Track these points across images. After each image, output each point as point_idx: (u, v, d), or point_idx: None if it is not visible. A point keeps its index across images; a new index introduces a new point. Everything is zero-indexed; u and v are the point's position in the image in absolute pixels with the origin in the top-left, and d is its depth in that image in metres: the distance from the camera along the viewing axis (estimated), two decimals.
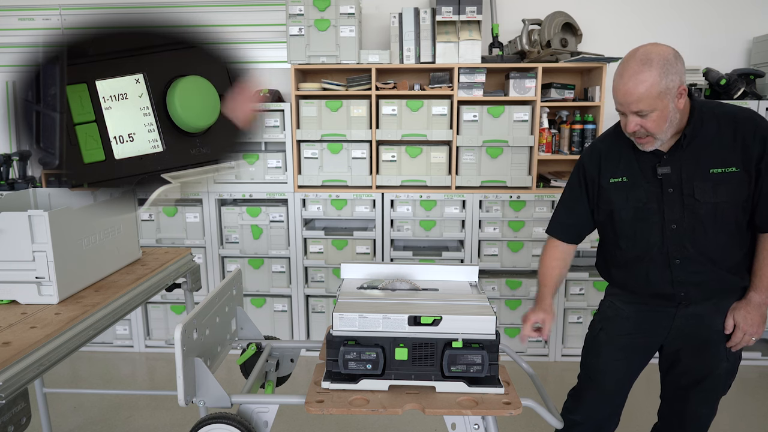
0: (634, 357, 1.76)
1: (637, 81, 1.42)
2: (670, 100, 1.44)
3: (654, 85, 1.41)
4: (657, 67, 1.41)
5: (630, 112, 1.47)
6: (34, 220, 1.49)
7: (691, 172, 1.53)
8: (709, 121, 1.53)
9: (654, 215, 1.58)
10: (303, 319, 3.43)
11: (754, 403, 2.87)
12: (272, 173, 3.28)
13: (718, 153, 1.51)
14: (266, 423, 1.40)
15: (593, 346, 1.82)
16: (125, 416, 2.73)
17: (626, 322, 1.74)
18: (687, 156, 1.53)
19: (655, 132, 1.48)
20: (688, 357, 1.69)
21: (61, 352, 1.36)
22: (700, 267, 1.57)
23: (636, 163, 1.60)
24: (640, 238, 1.62)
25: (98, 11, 3.41)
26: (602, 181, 1.66)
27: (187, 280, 2.12)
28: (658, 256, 1.60)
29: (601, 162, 1.67)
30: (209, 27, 1.28)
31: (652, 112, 1.44)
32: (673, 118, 1.47)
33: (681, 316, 1.66)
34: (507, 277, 3.31)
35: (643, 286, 1.66)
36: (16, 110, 1.11)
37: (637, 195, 1.60)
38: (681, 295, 1.62)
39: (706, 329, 1.65)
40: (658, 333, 1.71)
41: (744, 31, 3.39)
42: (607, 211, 1.67)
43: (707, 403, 1.73)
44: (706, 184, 1.51)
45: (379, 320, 1.36)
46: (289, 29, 3.09)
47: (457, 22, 3.09)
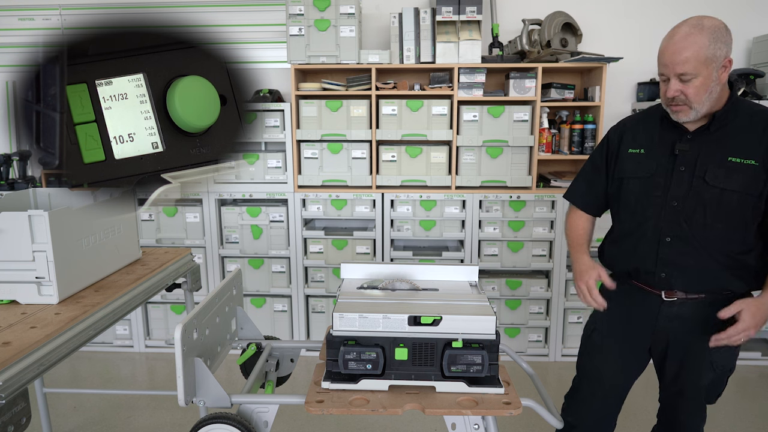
0: (627, 358, 1.75)
1: (687, 42, 1.43)
2: (714, 69, 1.44)
3: (702, 49, 1.42)
4: (708, 32, 1.42)
5: (673, 75, 1.46)
6: (34, 220, 1.49)
7: (709, 155, 1.52)
8: (743, 113, 1.54)
9: (658, 189, 1.58)
10: (303, 319, 3.43)
11: (754, 403, 2.87)
12: (272, 173, 3.28)
13: (742, 144, 1.50)
14: (266, 423, 1.40)
15: (587, 348, 1.82)
16: (125, 416, 2.73)
17: (615, 318, 1.73)
18: (710, 140, 1.53)
19: (694, 100, 1.47)
20: (674, 366, 1.68)
21: (61, 352, 1.36)
22: (690, 250, 1.55)
23: (657, 137, 1.61)
24: (638, 211, 1.62)
25: (98, 11, 3.41)
26: (621, 151, 1.68)
27: (187, 280, 2.12)
28: (650, 231, 1.60)
29: (624, 134, 1.69)
30: (209, 27, 1.28)
31: (695, 78, 1.44)
32: (713, 89, 1.47)
33: (665, 316, 1.64)
34: (507, 277, 3.31)
35: (628, 260, 1.66)
36: (16, 110, 1.11)
37: (648, 166, 1.60)
38: (662, 277, 1.60)
39: (690, 337, 1.62)
40: (644, 327, 1.69)
41: (744, 31, 3.39)
42: (618, 181, 1.68)
43: (694, 413, 1.72)
44: (721, 170, 1.50)
45: (379, 320, 1.36)
46: (289, 29, 3.09)
47: (457, 22, 3.09)
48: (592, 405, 1.82)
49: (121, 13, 3.30)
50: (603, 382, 1.78)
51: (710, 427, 2.62)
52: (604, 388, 1.79)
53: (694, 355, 1.64)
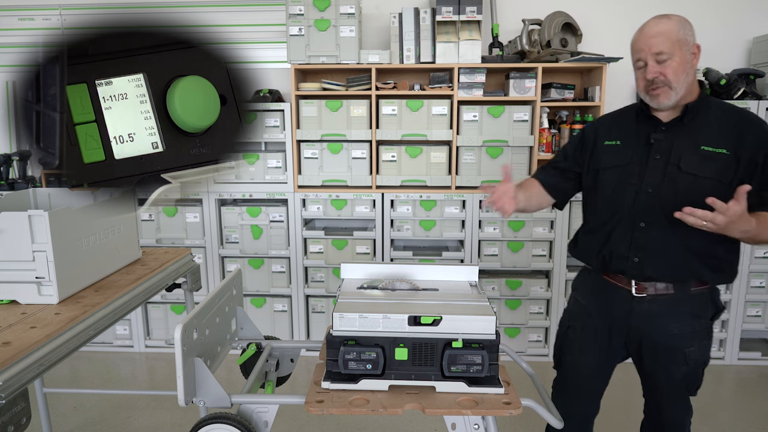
0: (603, 354, 1.78)
1: (659, 27, 1.54)
2: (687, 52, 1.53)
3: (673, 31, 1.52)
4: (675, 20, 1.54)
5: (651, 56, 1.53)
6: (34, 220, 1.49)
7: (683, 144, 1.58)
8: (714, 108, 1.61)
9: (633, 177, 1.63)
10: (303, 319, 3.43)
11: (754, 403, 2.87)
12: (272, 173, 3.28)
13: (714, 135, 1.57)
14: (266, 423, 1.40)
15: (564, 344, 1.86)
16: (125, 416, 2.73)
17: (589, 316, 1.77)
18: (684, 130, 1.59)
19: (673, 80, 1.53)
20: (649, 362, 1.71)
21: (61, 352, 1.36)
22: (662, 235, 1.59)
23: (633, 130, 1.67)
24: (615, 200, 1.66)
25: (98, 11, 3.41)
26: (597, 144, 1.73)
27: (187, 280, 2.12)
28: (625, 217, 1.64)
29: (600, 128, 1.75)
30: (209, 27, 1.28)
31: (671, 59, 1.51)
32: (689, 72, 1.54)
33: (637, 314, 1.67)
34: (507, 277, 3.31)
35: (602, 247, 1.69)
36: (16, 110, 1.11)
37: (623, 156, 1.66)
38: (635, 261, 1.63)
39: (662, 333, 1.66)
40: (618, 325, 1.72)
41: (744, 31, 3.39)
42: (594, 172, 1.72)
43: (676, 407, 1.75)
44: (694, 157, 1.56)
45: (379, 320, 1.36)
46: (289, 29, 3.09)
47: (457, 22, 3.09)
48: (576, 396, 1.86)
49: (121, 13, 3.30)
50: (583, 375, 1.83)
51: (710, 427, 2.63)
52: (585, 380, 1.83)
53: (667, 351, 1.67)
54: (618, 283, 1.70)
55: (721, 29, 3.40)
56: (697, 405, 1.82)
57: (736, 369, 3.27)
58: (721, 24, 3.39)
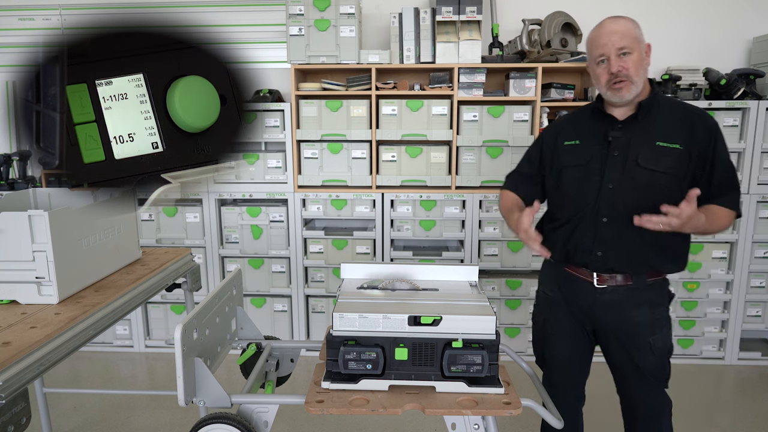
0: (579, 343, 1.84)
1: (618, 23, 1.64)
2: (643, 50, 1.63)
3: (631, 28, 1.63)
4: (629, 19, 1.65)
5: (614, 51, 1.61)
6: (34, 220, 1.49)
7: (639, 140, 1.66)
8: (664, 105, 1.70)
9: (595, 175, 1.69)
10: (303, 319, 3.43)
11: (754, 403, 2.87)
12: (272, 173, 3.28)
13: (667, 130, 1.65)
14: (266, 423, 1.40)
15: (542, 338, 1.91)
16: (125, 416, 2.73)
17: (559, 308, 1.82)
18: (639, 126, 1.67)
19: (634, 74, 1.60)
20: (617, 352, 1.77)
21: (61, 352, 1.36)
22: (623, 229, 1.65)
23: (591, 129, 1.74)
24: (579, 197, 1.72)
25: (98, 11, 3.41)
26: (558, 145, 1.79)
27: (187, 280, 2.12)
28: (589, 213, 1.70)
29: (560, 130, 1.82)
30: (209, 27, 1.28)
31: (632, 54, 1.60)
32: (645, 68, 1.64)
33: (599, 305, 1.73)
34: (507, 277, 3.31)
35: (567, 241, 1.74)
36: (16, 110, 1.11)
37: (584, 154, 1.72)
38: (598, 255, 1.69)
39: (626, 323, 1.72)
40: (584, 316, 1.78)
41: (744, 31, 3.39)
42: (557, 171, 1.78)
43: (649, 394, 1.78)
44: (651, 153, 1.64)
45: (379, 320, 1.36)
46: (289, 29, 3.09)
47: (457, 22, 3.09)
48: (563, 388, 1.90)
49: (121, 13, 3.30)
50: (566, 365, 1.88)
51: (710, 427, 2.63)
52: (568, 370, 1.89)
53: (633, 340, 1.73)
54: (580, 275, 1.76)
55: (721, 29, 3.40)
56: (697, 405, 1.82)
57: (736, 369, 3.27)
58: (721, 24, 3.39)
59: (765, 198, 3.12)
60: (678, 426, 1.87)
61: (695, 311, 3.27)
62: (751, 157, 3.08)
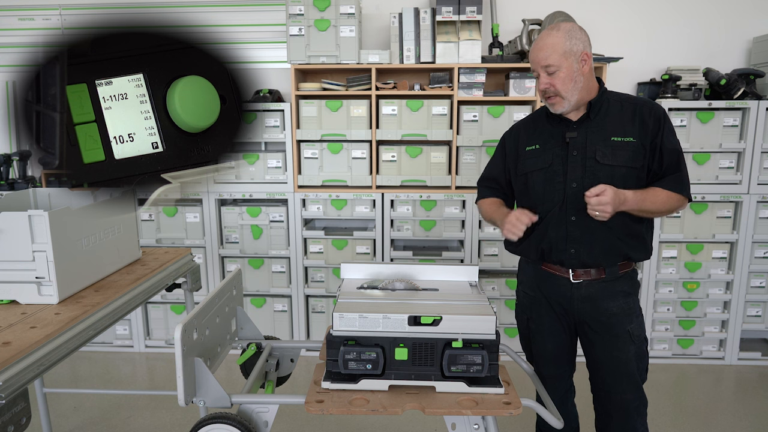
0: (562, 336, 1.87)
1: (547, 40, 1.67)
2: (574, 61, 1.66)
3: (559, 44, 1.65)
4: (563, 32, 1.66)
5: (541, 69, 1.67)
6: (34, 220, 1.49)
7: (595, 138, 1.72)
8: (614, 101, 1.76)
9: (558, 176, 1.74)
10: (303, 319, 3.43)
11: (754, 403, 2.87)
12: (272, 173, 3.29)
13: (620, 125, 1.72)
14: (266, 423, 1.40)
15: (528, 335, 1.94)
16: (125, 416, 2.73)
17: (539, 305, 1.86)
18: (593, 125, 1.73)
19: (562, 90, 1.66)
20: (598, 345, 1.80)
21: (61, 352, 1.36)
22: (591, 225, 1.70)
23: (548, 132, 1.79)
24: (547, 199, 1.77)
25: (98, 11, 3.41)
26: (519, 151, 1.85)
27: (187, 280, 2.12)
28: (558, 213, 1.75)
29: (519, 135, 1.88)
30: (209, 27, 1.28)
31: (559, 70, 1.65)
32: (577, 79, 1.67)
33: (576, 299, 1.78)
34: (507, 277, 3.31)
35: (541, 241, 1.78)
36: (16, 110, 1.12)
37: (545, 158, 1.78)
38: (572, 252, 1.74)
39: (604, 314, 1.77)
40: (564, 311, 1.83)
41: (744, 31, 3.39)
42: (522, 177, 1.83)
43: (627, 389, 1.80)
44: (607, 149, 1.70)
45: (379, 320, 1.36)
46: (289, 29, 3.09)
47: (457, 22, 3.09)
48: (552, 381, 1.92)
49: (121, 13, 3.30)
50: (553, 359, 1.91)
51: (710, 426, 2.63)
52: (556, 364, 1.92)
53: (613, 330, 1.77)
54: (556, 272, 1.80)
55: (721, 29, 3.39)
56: (697, 405, 1.82)
57: (736, 369, 3.27)
58: (721, 24, 3.39)
59: (765, 198, 3.12)
60: (678, 426, 1.87)
61: (695, 311, 3.27)
62: (751, 157, 3.08)
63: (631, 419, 1.81)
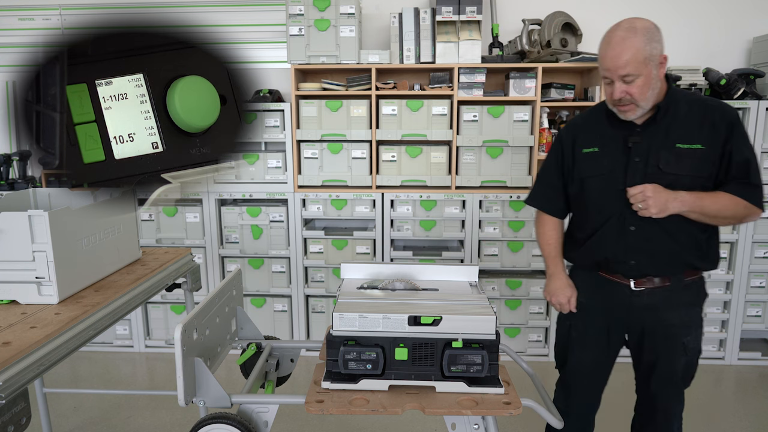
0: (605, 350, 1.82)
1: (625, 46, 1.51)
2: (653, 67, 1.53)
3: (640, 51, 1.50)
4: (642, 34, 1.51)
5: (617, 78, 1.54)
6: (34, 220, 1.49)
7: (659, 144, 1.61)
8: (682, 102, 1.63)
9: (618, 183, 1.65)
10: (303, 319, 3.43)
11: (754, 403, 2.87)
12: (272, 173, 3.28)
13: (687, 130, 1.60)
14: (266, 423, 1.40)
15: (566, 343, 1.88)
16: (125, 416, 2.73)
17: (590, 313, 1.80)
18: (658, 130, 1.62)
19: (639, 98, 1.55)
20: (650, 352, 1.74)
21: (61, 352, 1.36)
22: (652, 236, 1.63)
23: (609, 135, 1.68)
24: (605, 206, 1.68)
25: (98, 11, 3.41)
26: (576, 153, 1.74)
27: (187, 280, 2.12)
28: (615, 222, 1.67)
29: (576, 135, 1.76)
30: (209, 27, 1.28)
31: (638, 78, 1.52)
32: (654, 85, 1.55)
33: (636, 307, 1.71)
34: (507, 277, 3.31)
35: (598, 253, 1.72)
36: (16, 110, 1.12)
37: (604, 163, 1.68)
38: (632, 264, 1.67)
39: (662, 324, 1.70)
40: (618, 320, 1.76)
41: (744, 31, 3.39)
42: (579, 181, 1.74)
43: (672, 397, 1.77)
44: (671, 156, 1.59)
45: (379, 320, 1.36)
46: (289, 29, 3.09)
47: (457, 22, 3.09)
48: (580, 393, 1.88)
49: (121, 13, 3.30)
50: (587, 373, 1.85)
51: (710, 426, 2.63)
52: (590, 377, 1.86)
53: (668, 342, 1.71)
54: (616, 279, 1.73)
55: (721, 29, 3.39)
56: (697, 405, 1.83)
57: (736, 369, 3.27)
58: (721, 24, 3.39)
59: (765, 198, 3.12)
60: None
61: None
62: None
63: (668, 423, 1.79)
